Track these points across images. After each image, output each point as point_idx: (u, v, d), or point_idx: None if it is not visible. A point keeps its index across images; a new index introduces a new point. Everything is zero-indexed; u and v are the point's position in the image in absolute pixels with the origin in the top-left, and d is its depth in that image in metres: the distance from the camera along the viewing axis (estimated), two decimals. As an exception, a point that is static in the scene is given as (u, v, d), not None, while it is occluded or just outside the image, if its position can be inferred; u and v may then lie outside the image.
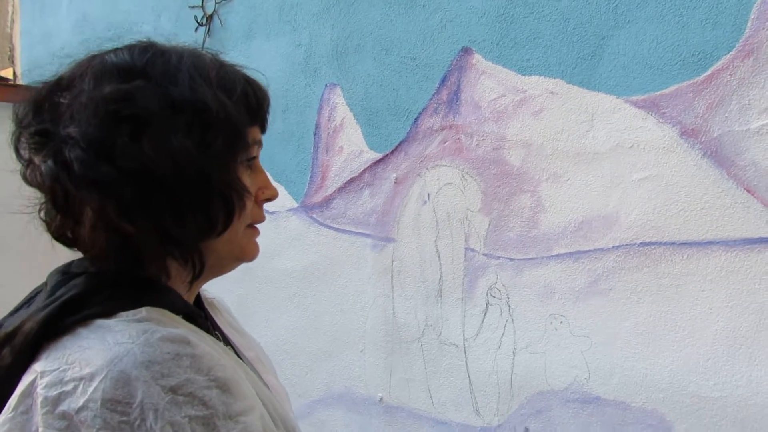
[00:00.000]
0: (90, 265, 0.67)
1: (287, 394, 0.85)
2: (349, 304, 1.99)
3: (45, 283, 0.68)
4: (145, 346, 0.58)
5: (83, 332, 0.61)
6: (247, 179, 0.71)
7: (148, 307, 0.63)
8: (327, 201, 2.03)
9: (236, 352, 0.79)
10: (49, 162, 0.63)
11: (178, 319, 0.66)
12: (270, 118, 0.77)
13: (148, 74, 0.66)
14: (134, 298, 0.64)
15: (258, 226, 0.75)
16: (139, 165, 0.62)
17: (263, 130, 0.76)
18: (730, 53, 1.35)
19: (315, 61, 2.06)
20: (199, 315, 0.72)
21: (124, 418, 0.55)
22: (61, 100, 0.65)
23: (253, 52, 2.23)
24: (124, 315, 0.62)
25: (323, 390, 2.06)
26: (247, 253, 0.74)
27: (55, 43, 3.08)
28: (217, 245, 0.70)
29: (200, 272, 0.69)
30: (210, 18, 2.36)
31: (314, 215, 2.06)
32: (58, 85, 0.66)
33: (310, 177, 2.07)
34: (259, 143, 0.74)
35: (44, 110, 0.65)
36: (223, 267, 0.74)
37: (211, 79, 0.68)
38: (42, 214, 0.69)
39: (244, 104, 0.70)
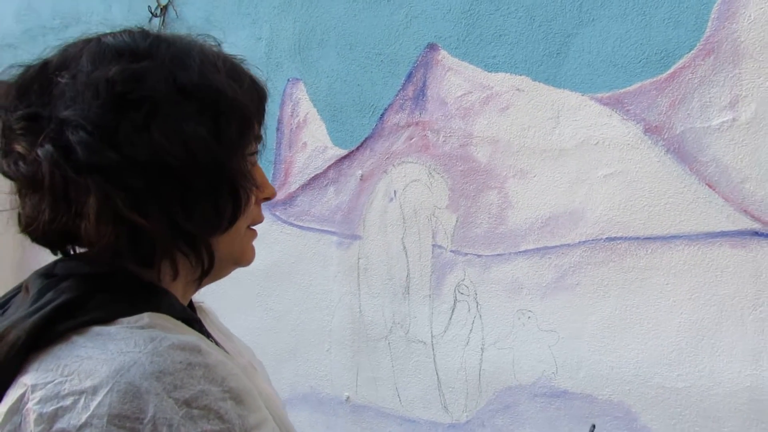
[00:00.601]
0: (78, 267, 0.61)
1: (281, 401, 0.81)
2: (315, 302, 1.96)
3: (22, 287, 0.63)
4: (154, 356, 0.53)
5: (79, 340, 0.55)
6: (252, 171, 0.69)
7: (151, 313, 0.59)
8: (290, 198, 1.99)
9: None
10: (47, 146, 0.57)
11: (181, 324, 0.62)
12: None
13: (154, 56, 0.61)
14: (133, 302, 0.59)
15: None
16: (149, 153, 0.58)
17: (261, 126, 0.73)
18: (692, 52, 1.38)
19: (276, 55, 2.01)
20: (197, 320, 0.68)
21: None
22: (59, 79, 0.59)
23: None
24: (125, 321, 0.57)
25: (288, 390, 2.02)
26: (245, 255, 0.71)
27: (-3, 33, 2.93)
28: (219, 245, 0.66)
29: (209, 269, 0.65)
30: (164, 9, 2.28)
31: (277, 213, 2.02)
32: (46, 68, 0.61)
33: (273, 173, 2.03)
34: (260, 139, 0.71)
35: (32, 92, 0.60)
36: (221, 270, 0.70)
37: (219, 66, 0.64)
38: (25, 209, 0.61)
39: (250, 96, 0.67)
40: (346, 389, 1.91)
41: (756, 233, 1.32)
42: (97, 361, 0.53)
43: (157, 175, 0.59)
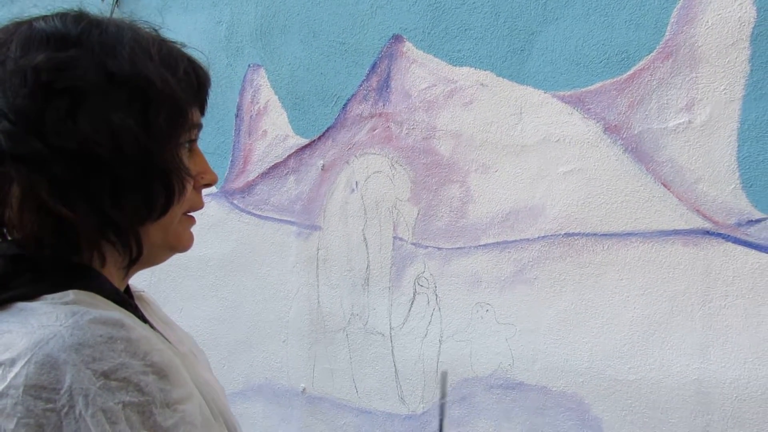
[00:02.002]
0: (8, 249, 0.61)
1: (223, 389, 0.81)
2: (272, 293, 1.93)
3: None
4: (75, 329, 0.54)
5: (2, 316, 0.56)
6: (186, 162, 0.68)
7: (77, 290, 0.59)
8: (249, 186, 1.95)
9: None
10: None
11: (110, 303, 0.61)
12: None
13: (83, 44, 0.60)
14: (59, 281, 0.59)
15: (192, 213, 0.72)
16: (75, 143, 0.57)
17: (203, 112, 0.72)
18: (651, 54, 1.42)
19: (237, 39, 1.97)
20: (129, 303, 0.67)
21: (50, 406, 0.51)
22: None
23: (168, 26, 2.07)
24: (50, 297, 0.57)
25: (243, 382, 1.99)
26: (181, 241, 0.70)
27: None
28: (152, 231, 0.66)
29: (137, 257, 0.65)
30: (119, -13, 2.19)
31: (235, 201, 1.98)
32: None
33: (231, 161, 1.98)
34: (199, 126, 0.71)
35: None
36: (156, 257, 0.70)
37: (152, 54, 0.63)
38: None
39: (186, 83, 0.66)
40: (302, 381, 1.90)
41: (707, 232, 1.37)
42: (17, 334, 0.54)
43: (84, 165, 0.58)
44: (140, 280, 0.86)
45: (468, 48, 1.63)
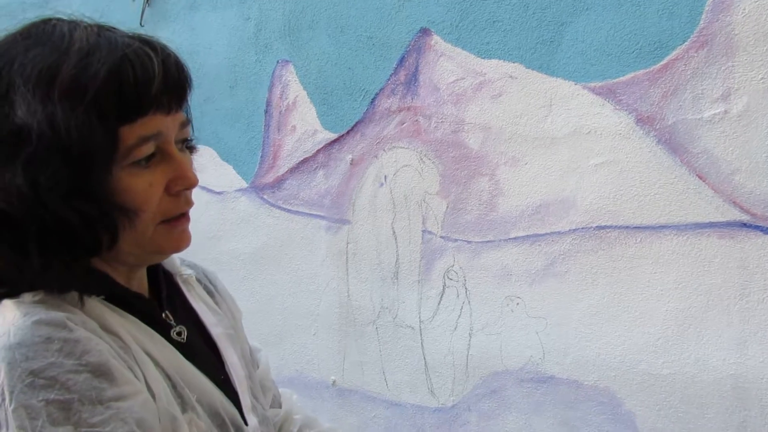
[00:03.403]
0: None
1: (252, 373, 0.85)
2: (302, 287, 1.95)
3: None
4: (19, 329, 0.59)
5: None
6: (141, 180, 0.65)
7: (47, 291, 0.63)
8: (279, 181, 1.97)
9: (201, 331, 0.79)
10: None
11: (89, 301, 0.65)
12: (216, 95, 0.71)
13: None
14: (39, 281, 0.64)
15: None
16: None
17: (172, 109, 0.66)
18: (685, 44, 1.39)
19: (266, 36, 1.98)
20: (128, 296, 0.70)
21: None
22: None
23: (197, 24, 2.12)
24: (26, 296, 0.63)
25: (274, 374, 2.01)
26: (165, 248, 0.70)
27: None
28: (124, 247, 0.66)
29: (97, 279, 0.67)
30: (150, -14, 2.23)
31: (265, 196, 2.00)
32: None
33: (261, 156, 2.00)
34: (159, 135, 0.65)
35: None
36: (145, 261, 0.73)
37: (55, 85, 0.60)
38: None
39: (112, 101, 0.61)
40: (332, 373, 1.92)
41: (744, 225, 1.34)
42: None
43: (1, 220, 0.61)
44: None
45: (496, 40, 1.61)
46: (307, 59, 1.91)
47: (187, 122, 0.70)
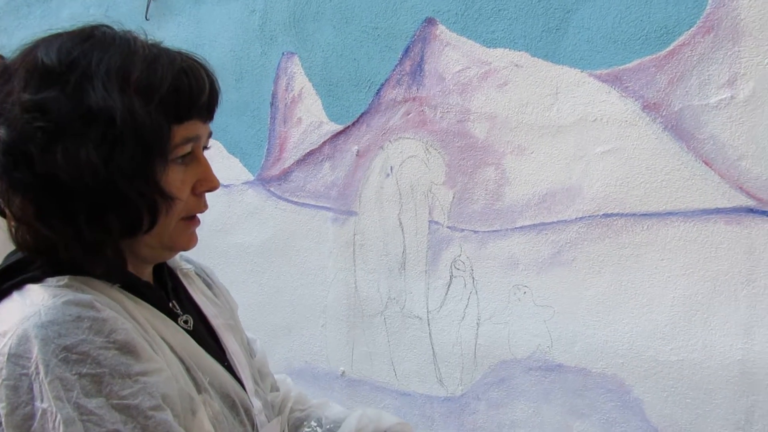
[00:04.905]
0: None
1: (251, 358, 0.90)
2: (310, 278, 1.96)
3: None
4: (50, 309, 0.63)
5: (15, 295, 0.67)
6: (178, 176, 0.72)
7: (72, 276, 0.68)
8: (285, 174, 1.98)
9: (203, 322, 0.84)
10: None
11: (108, 288, 0.70)
12: (222, 88, 0.77)
13: (67, 80, 0.66)
14: (65, 267, 0.69)
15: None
16: (52, 173, 0.66)
17: (208, 119, 0.75)
18: (692, 29, 1.38)
19: (271, 28, 1.98)
20: (139, 285, 0.74)
21: (24, 371, 0.61)
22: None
23: (202, 17, 2.13)
24: (51, 281, 0.67)
25: (283, 366, 2.03)
26: (178, 244, 0.76)
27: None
28: (146, 238, 0.72)
29: (118, 265, 0.72)
30: (154, -20, 2.23)
31: (272, 188, 2.01)
32: (2, 75, 0.69)
33: (267, 149, 2.01)
34: (197, 138, 0.74)
35: None
36: (157, 257, 0.78)
37: (130, 82, 0.67)
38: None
39: (172, 103, 0.69)
40: (341, 364, 1.93)
41: (751, 210, 1.34)
42: (15, 310, 0.65)
43: (60, 192, 0.67)
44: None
45: (502, 29, 1.61)
46: (312, 51, 1.91)
47: (211, 132, 0.78)
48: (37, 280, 0.68)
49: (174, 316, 0.78)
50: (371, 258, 1.84)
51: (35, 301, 0.65)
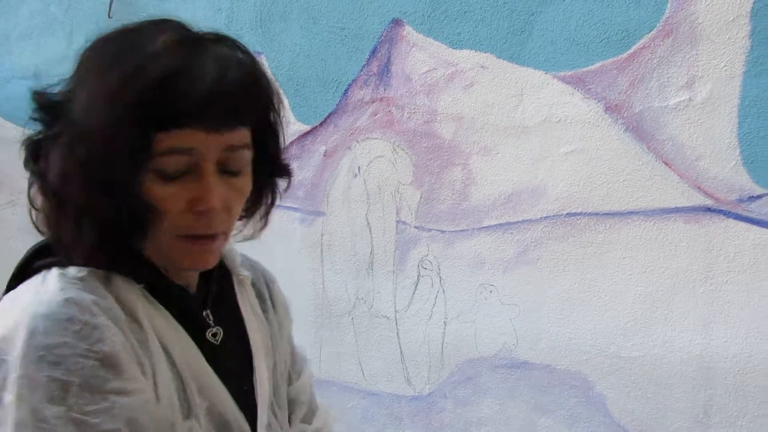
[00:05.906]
0: None
1: (281, 389, 0.83)
2: (278, 279, 1.95)
3: None
4: (50, 302, 0.62)
5: (38, 276, 0.66)
6: (162, 188, 0.65)
7: (93, 269, 0.66)
8: (252, 174, 1.97)
9: (240, 335, 0.79)
10: None
11: (128, 287, 0.67)
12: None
13: (74, 88, 0.67)
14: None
15: None
16: (48, 176, 0.66)
17: (215, 129, 0.65)
18: (652, 32, 1.42)
19: (237, 27, 1.97)
20: (170, 289, 0.71)
21: (4, 357, 0.60)
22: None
23: (167, 15, 2.09)
24: (72, 270, 0.65)
25: (250, 367, 2.01)
26: (179, 264, 0.70)
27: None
28: (150, 250, 0.69)
29: (140, 266, 0.70)
30: (118, -23, 2.19)
31: (239, 189, 1.99)
32: None
33: (234, 149, 1.99)
34: (191, 151, 0.64)
35: None
36: (177, 270, 0.72)
37: (113, 93, 0.63)
38: None
39: (152, 106, 0.62)
40: (310, 365, 1.92)
41: (708, 209, 1.38)
42: (30, 293, 0.64)
43: (57, 196, 0.67)
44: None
45: (468, 30, 1.63)
46: (279, 51, 1.90)
47: (238, 147, 0.68)
48: (62, 265, 0.66)
49: (204, 327, 0.73)
50: (339, 258, 1.84)
51: (48, 289, 0.63)
